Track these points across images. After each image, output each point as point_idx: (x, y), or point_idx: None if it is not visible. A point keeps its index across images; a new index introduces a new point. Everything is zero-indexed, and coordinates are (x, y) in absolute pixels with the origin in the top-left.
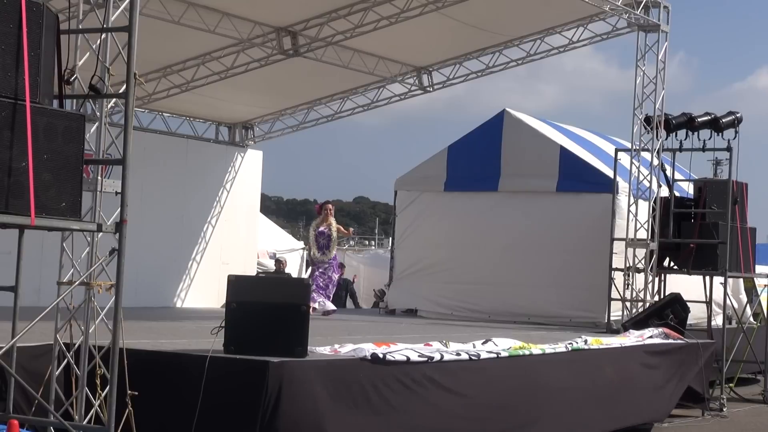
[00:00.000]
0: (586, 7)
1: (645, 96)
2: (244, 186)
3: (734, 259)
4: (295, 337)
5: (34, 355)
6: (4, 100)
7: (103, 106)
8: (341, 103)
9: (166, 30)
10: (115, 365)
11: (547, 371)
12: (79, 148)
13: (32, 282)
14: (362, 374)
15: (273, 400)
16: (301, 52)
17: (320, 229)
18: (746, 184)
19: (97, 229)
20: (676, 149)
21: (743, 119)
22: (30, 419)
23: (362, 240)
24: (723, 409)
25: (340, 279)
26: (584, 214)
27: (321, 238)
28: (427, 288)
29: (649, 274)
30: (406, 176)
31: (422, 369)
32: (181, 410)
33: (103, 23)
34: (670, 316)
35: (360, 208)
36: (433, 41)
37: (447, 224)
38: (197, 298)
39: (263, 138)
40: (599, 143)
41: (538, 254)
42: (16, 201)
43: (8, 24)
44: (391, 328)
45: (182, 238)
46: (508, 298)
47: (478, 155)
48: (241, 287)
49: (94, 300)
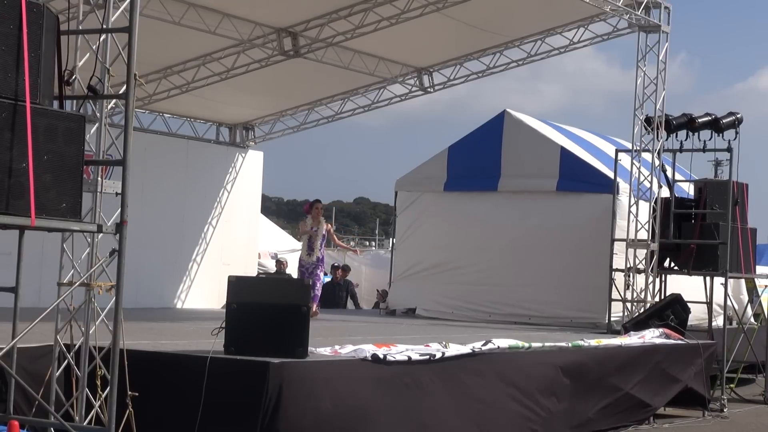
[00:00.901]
0: (587, 8)
1: (646, 97)
2: (244, 187)
3: (735, 259)
4: (296, 338)
5: (35, 356)
6: (5, 101)
7: (104, 107)
8: (342, 103)
9: (167, 31)
10: (116, 366)
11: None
12: (80, 149)
13: (32, 283)
14: (363, 375)
15: (273, 400)
16: (301, 53)
17: (313, 228)
18: (747, 184)
19: (97, 230)
20: (677, 150)
21: (743, 120)
22: (30, 420)
23: (363, 241)
24: (724, 410)
25: (341, 280)
26: (585, 215)
27: (313, 239)
28: (427, 288)
29: (649, 274)
30: (407, 177)
31: (423, 367)
32: (182, 411)
33: (103, 24)
34: (670, 317)
35: (360, 209)
36: (433, 42)
37: (447, 225)
38: (198, 298)
39: (264, 139)
40: (599, 144)
41: (539, 255)
42: (17, 202)
43: (8, 25)
44: (392, 328)
45: (183, 239)
46: (509, 299)
47: (479, 156)
48: (242, 288)
49: (94, 301)
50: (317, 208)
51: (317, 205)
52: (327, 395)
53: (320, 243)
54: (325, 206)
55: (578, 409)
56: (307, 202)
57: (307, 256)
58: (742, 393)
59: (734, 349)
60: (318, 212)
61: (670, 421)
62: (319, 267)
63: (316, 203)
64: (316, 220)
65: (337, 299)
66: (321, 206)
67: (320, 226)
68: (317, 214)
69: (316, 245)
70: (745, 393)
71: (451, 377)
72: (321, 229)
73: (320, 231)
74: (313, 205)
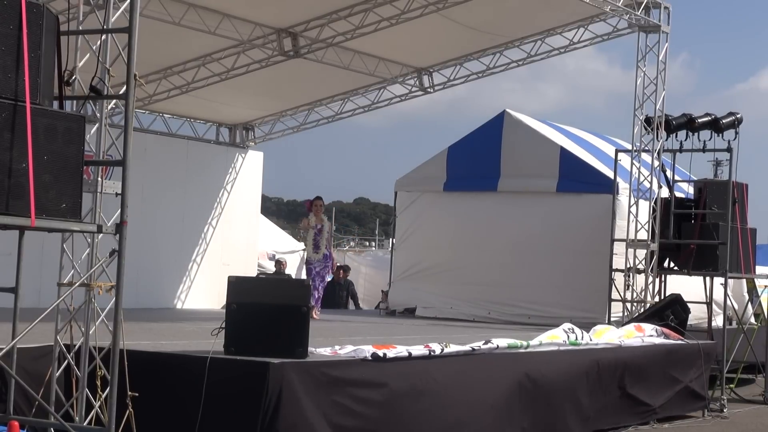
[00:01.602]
0: (587, 8)
1: (645, 97)
2: (244, 187)
3: (734, 259)
4: (296, 339)
5: (35, 356)
6: (5, 102)
7: (104, 108)
8: (342, 104)
9: (167, 31)
10: (116, 366)
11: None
12: (80, 150)
13: (32, 283)
14: (363, 374)
15: (273, 401)
16: (301, 54)
17: (317, 226)
18: (746, 184)
19: (97, 230)
20: (677, 150)
21: (743, 120)
22: (30, 420)
23: (363, 241)
24: (723, 410)
25: (342, 279)
26: (584, 215)
27: (318, 236)
28: (427, 289)
29: (649, 274)
30: (406, 177)
31: (423, 367)
32: (182, 411)
33: (104, 24)
34: (670, 317)
35: (360, 209)
36: (433, 42)
37: (447, 225)
38: (197, 299)
39: (264, 139)
40: (599, 144)
41: (539, 255)
42: (17, 202)
43: (8, 25)
44: (392, 329)
45: (182, 240)
46: (509, 299)
47: (478, 156)
48: (242, 288)
49: (94, 301)
50: (317, 205)
51: (317, 202)
52: (327, 395)
53: (326, 239)
54: (326, 206)
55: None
56: (307, 201)
57: (314, 253)
58: (742, 393)
59: (734, 349)
60: (318, 209)
61: (670, 421)
62: (327, 266)
63: (317, 200)
64: (318, 217)
65: (338, 299)
66: (322, 203)
67: (324, 223)
68: (317, 211)
69: (321, 242)
70: (745, 393)
71: (452, 374)
72: (325, 226)
73: (325, 227)
74: (314, 203)
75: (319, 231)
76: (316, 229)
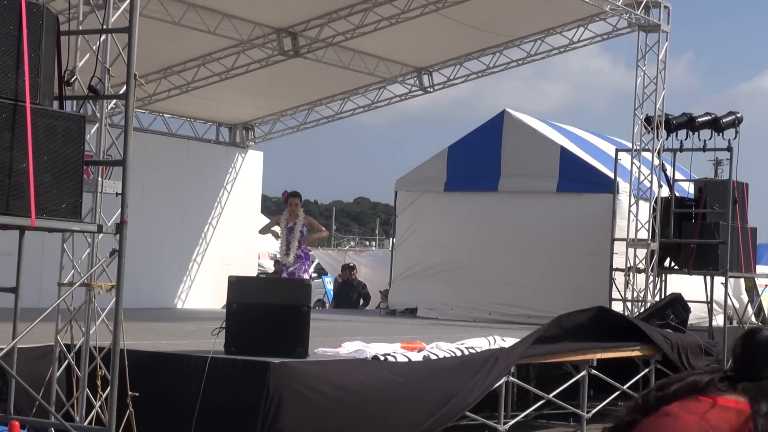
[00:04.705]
0: (587, 8)
1: (645, 96)
2: (244, 187)
3: (735, 259)
4: (296, 338)
5: (35, 356)
6: (5, 102)
7: (104, 107)
8: (342, 103)
9: (167, 31)
10: (116, 366)
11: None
12: (80, 149)
13: (33, 283)
14: (363, 374)
15: (274, 400)
16: (301, 53)
17: (288, 225)
18: (747, 184)
19: (97, 230)
20: (677, 149)
21: (744, 119)
22: (31, 420)
23: (363, 241)
24: None
25: (353, 280)
26: (585, 215)
27: (289, 235)
28: (427, 288)
29: (649, 274)
30: (406, 177)
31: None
32: (182, 411)
33: (103, 24)
34: (671, 317)
35: (360, 209)
36: (433, 42)
37: (447, 225)
38: (198, 299)
39: (264, 139)
40: (599, 144)
41: (539, 254)
42: (17, 202)
43: (8, 25)
44: (392, 329)
45: (183, 239)
46: (509, 299)
47: (479, 156)
48: (242, 288)
49: (94, 301)
50: (292, 203)
51: (293, 200)
52: (327, 395)
53: (297, 240)
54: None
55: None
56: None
57: (285, 255)
58: None
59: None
60: (294, 207)
61: None
62: (301, 267)
63: (293, 197)
64: (292, 215)
65: (350, 299)
66: (297, 202)
67: (297, 221)
68: (292, 210)
69: (293, 243)
70: None
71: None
72: (298, 225)
73: (297, 227)
74: (289, 200)
75: (291, 230)
76: (287, 228)
